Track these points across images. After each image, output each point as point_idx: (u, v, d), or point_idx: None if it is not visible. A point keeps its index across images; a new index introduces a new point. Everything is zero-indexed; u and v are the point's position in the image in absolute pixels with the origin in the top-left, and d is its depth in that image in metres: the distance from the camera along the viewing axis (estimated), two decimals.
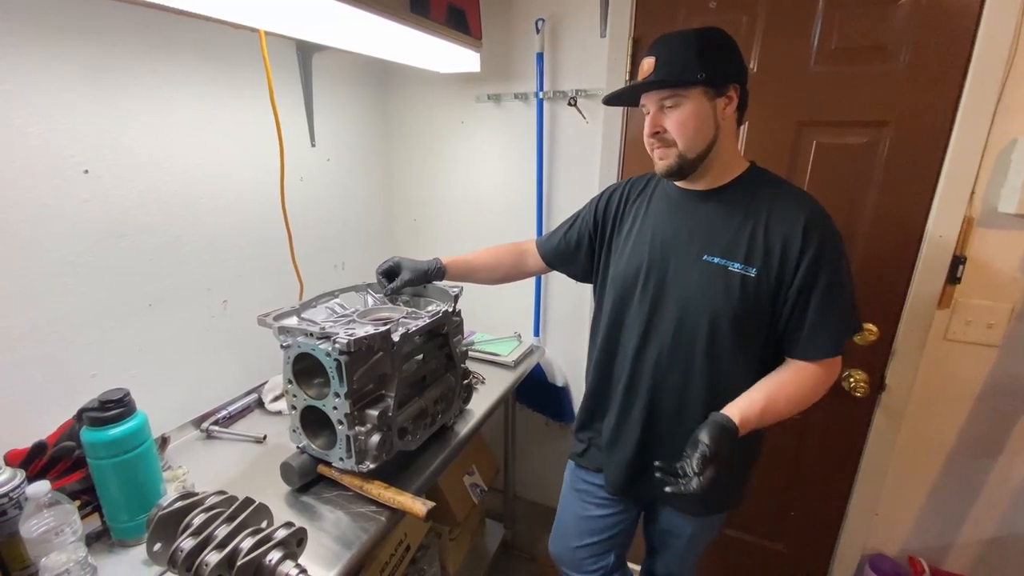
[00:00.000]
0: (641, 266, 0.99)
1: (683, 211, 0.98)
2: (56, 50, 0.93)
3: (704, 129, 0.88)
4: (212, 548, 0.76)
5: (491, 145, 1.70)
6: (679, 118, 0.88)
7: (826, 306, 0.88)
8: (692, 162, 0.90)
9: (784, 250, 0.87)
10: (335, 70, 1.56)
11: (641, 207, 1.06)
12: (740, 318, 0.90)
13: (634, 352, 1.01)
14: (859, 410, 1.39)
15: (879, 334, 1.32)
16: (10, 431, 0.92)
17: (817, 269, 0.86)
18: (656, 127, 0.90)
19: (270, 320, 0.98)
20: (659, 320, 0.98)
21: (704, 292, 0.92)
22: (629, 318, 1.03)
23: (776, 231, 0.88)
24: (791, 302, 0.89)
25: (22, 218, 0.91)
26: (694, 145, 0.89)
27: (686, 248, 0.95)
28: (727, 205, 0.93)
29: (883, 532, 1.47)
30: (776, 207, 0.90)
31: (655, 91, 0.89)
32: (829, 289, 0.87)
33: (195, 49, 1.16)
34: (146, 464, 0.88)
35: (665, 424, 1.01)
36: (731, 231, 0.91)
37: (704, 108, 0.87)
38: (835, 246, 0.88)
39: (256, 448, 1.18)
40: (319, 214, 1.58)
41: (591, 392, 1.14)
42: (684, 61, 0.85)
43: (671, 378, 0.98)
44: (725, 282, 0.90)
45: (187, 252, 1.20)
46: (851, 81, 1.22)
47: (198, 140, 1.19)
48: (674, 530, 1.15)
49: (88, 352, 1.04)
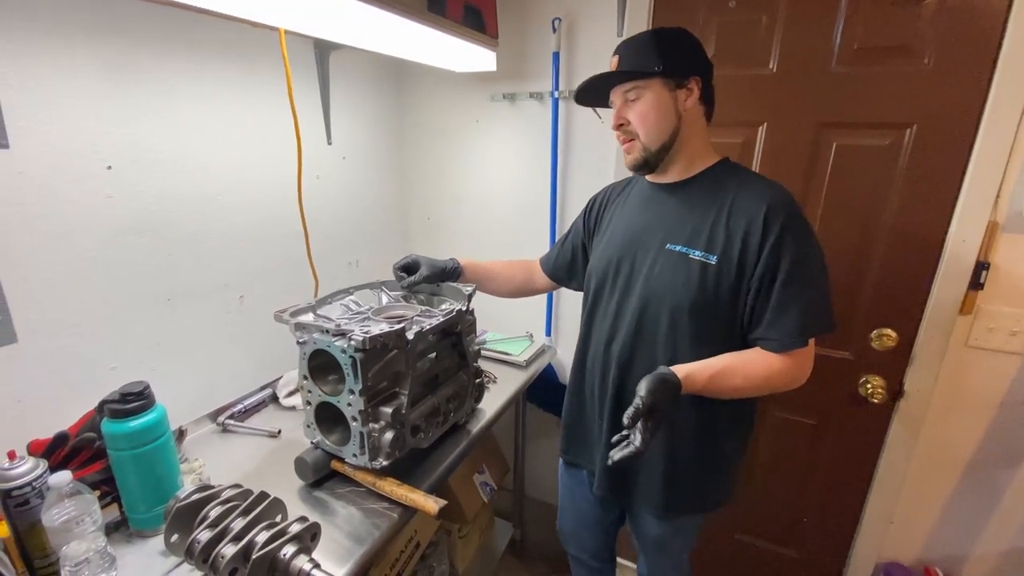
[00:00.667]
0: (612, 260, 1.02)
1: (653, 204, 1.00)
2: (81, 48, 0.95)
3: (665, 120, 0.90)
4: (228, 541, 0.77)
5: (505, 144, 1.70)
6: (640, 109, 0.90)
7: (789, 293, 0.86)
8: (656, 154, 0.93)
9: (745, 237, 0.87)
10: (351, 69, 1.57)
11: (618, 207, 1.09)
12: (700, 306, 0.90)
13: (604, 345, 1.03)
14: (876, 416, 1.37)
15: (898, 340, 1.30)
16: (32, 421, 0.94)
17: (778, 256, 0.85)
18: (620, 119, 0.93)
19: (287, 316, 0.99)
20: (625, 311, 0.99)
21: (666, 280, 0.93)
22: (600, 311, 1.05)
23: (738, 219, 0.88)
24: (754, 290, 0.88)
25: (46, 212, 0.93)
26: (656, 136, 0.91)
27: (652, 239, 0.96)
28: (693, 196, 0.95)
29: (899, 541, 1.45)
30: (740, 196, 0.90)
31: (619, 85, 0.92)
32: (791, 276, 0.85)
33: (216, 48, 1.17)
34: (164, 456, 0.89)
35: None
36: (695, 220, 0.92)
37: (664, 99, 0.89)
38: (799, 234, 0.86)
39: (270, 442, 1.19)
40: (334, 212, 1.59)
41: (571, 390, 1.17)
42: (643, 54, 0.89)
43: (635, 368, 0.98)
44: (686, 270, 0.91)
45: (205, 248, 1.22)
46: (874, 82, 1.20)
47: (217, 137, 1.21)
48: (646, 532, 1.14)
49: (108, 345, 1.05)
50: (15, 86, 0.87)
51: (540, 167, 1.64)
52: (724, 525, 1.68)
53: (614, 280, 1.01)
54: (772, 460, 1.55)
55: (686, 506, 1.05)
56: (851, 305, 1.33)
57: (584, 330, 1.11)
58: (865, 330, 1.33)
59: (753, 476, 1.58)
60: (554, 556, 1.81)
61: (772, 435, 1.52)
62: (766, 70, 1.28)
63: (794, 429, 1.49)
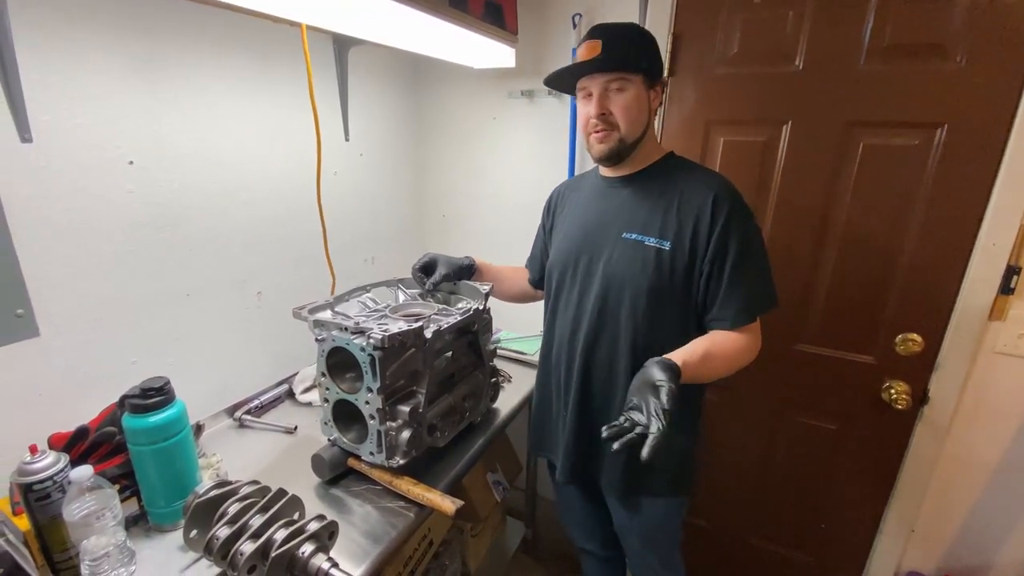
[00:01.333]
0: (571, 253, 1.06)
1: (606, 197, 1.05)
2: (105, 44, 0.95)
3: (642, 116, 0.96)
4: (247, 538, 0.77)
5: (523, 142, 1.69)
6: (625, 102, 0.93)
7: (738, 273, 0.92)
8: (629, 147, 0.97)
9: (696, 223, 0.93)
10: (369, 65, 1.56)
11: (572, 203, 1.14)
12: (657, 289, 0.95)
13: (569, 335, 1.06)
14: (899, 422, 1.34)
15: (924, 345, 1.27)
16: (54, 414, 0.95)
17: (727, 238, 0.92)
18: (603, 109, 0.94)
19: (305, 313, 0.99)
20: (587, 301, 1.03)
21: (623, 268, 0.97)
22: (562, 303, 1.09)
23: (688, 206, 0.94)
24: (706, 272, 0.94)
25: (69, 207, 0.94)
26: (634, 130, 0.95)
27: (609, 230, 1.01)
28: (645, 187, 1.00)
29: (919, 549, 1.42)
30: (688, 185, 0.96)
31: (602, 74, 0.93)
32: (740, 257, 0.92)
33: (236, 44, 1.17)
34: (183, 451, 0.89)
35: (597, 402, 1.05)
36: (647, 210, 0.97)
37: (643, 96, 0.94)
38: (744, 217, 0.94)
39: (287, 438, 1.19)
40: (351, 209, 1.59)
41: (538, 384, 1.22)
42: (630, 47, 0.92)
43: (599, 355, 1.02)
44: (642, 257, 0.95)
45: (224, 243, 1.22)
46: (904, 80, 1.16)
47: (237, 133, 1.21)
48: (621, 522, 1.14)
49: (129, 339, 1.06)
50: (39, 81, 0.87)
51: (557, 165, 1.62)
52: (739, 529, 1.66)
53: (574, 272, 1.05)
54: (790, 465, 1.52)
55: (646, 489, 1.06)
56: (875, 309, 1.30)
57: (548, 324, 1.15)
58: (890, 334, 1.30)
59: (768, 480, 1.56)
60: (566, 556, 1.80)
61: (791, 440, 1.50)
62: (792, 67, 1.25)
63: (813, 434, 1.46)
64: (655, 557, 1.16)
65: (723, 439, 1.59)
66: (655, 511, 1.10)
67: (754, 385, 1.50)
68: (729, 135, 1.36)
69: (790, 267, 1.37)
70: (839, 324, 1.36)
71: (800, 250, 1.35)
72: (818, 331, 1.38)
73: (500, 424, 1.27)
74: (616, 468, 1.05)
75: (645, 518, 1.10)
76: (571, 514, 1.33)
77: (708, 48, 1.33)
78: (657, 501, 1.08)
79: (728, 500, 1.65)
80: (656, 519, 1.11)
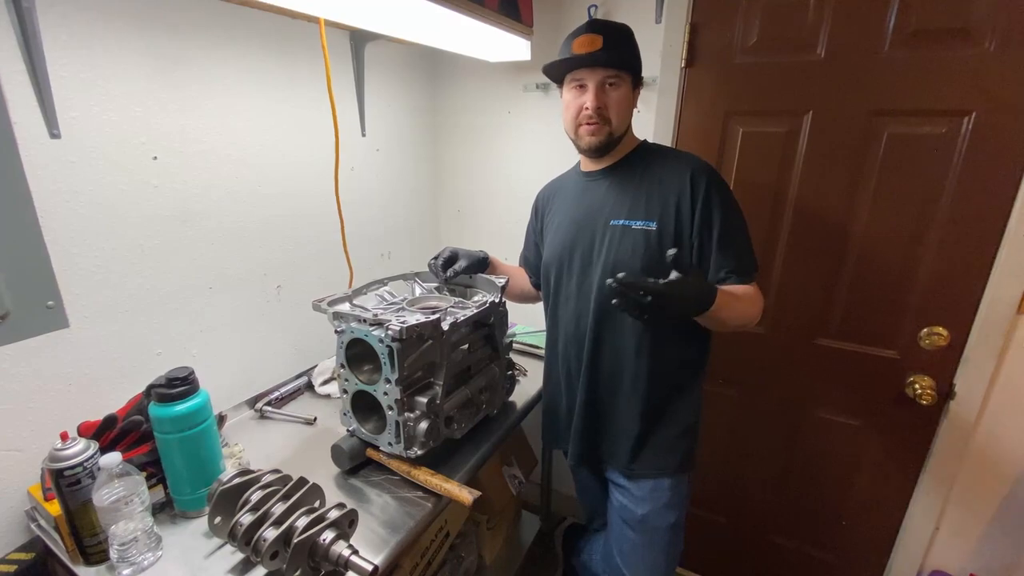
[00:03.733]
0: (565, 247, 1.10)
1: (589, 191, 1.10)
2: (132, 41, 0.97)
3: (630, 113, 1.03)
4: (269, 524, 0.78)
5: (538, 136, 1.68)
6: (619, 98, 0.99)
7: (726, 237, 0.97)
8: (616, 140, 1.02)
9: (679, 199, 0.98)
10: (385, 60, 1.57)
11: (559, 201, 1.19)
12: (649, 269, 0.97)
13: (574, 324, 1.10)
14: (923, 418, 1.31)
15: (949, 339, 1.24)
16: (83, 403, 0.98)
17: (710, 207, 0.97)
18: (601, 103, 0.98)
19: (324, 305, 1.00)
20: (587, 289, 1.07)
21: (616, 253, 1.01)
22: (562, 296, 1.13)
23: (669, 187, 0.99)
24: (697, 244, 0.99)
25: (97, 202, 0.96)
26: (622, 125, 1.02)
27: (597, 220, 1.05)
28: (626, 175, 1.05)
29: (943, 549, 1.39)
30: (665, 168, 1.02)
31: (602, 69, 0.97)
32: (724, 228, 0.97)
33: (256, 40, 1.18)
34: (208, 440, 0.91)
35: (604, 388, 1.09)
36: (631, 196, 1.02)
37: (630, 94, 1.01)
38: (722, 190, 0.98)
39: (306, 429, 1.21)
40: (367, 204, 1.60)
41: (545, 376, 1.26)
42: (626, 46, 0.99)
43: (606, 342, 1.06)
44: (632, 240, 1.00)
45: (245, 238, 1.24)
46: (930, 67, 1.13)
47: (257, 129, 1.23)
48: (620, 501, 1.15)
49: (154, 331, 1.08)
50: (68, 77, 0.89)
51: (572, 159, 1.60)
52: (758, 526, 1.64)
53: (570, 265, 1.10)
54: (810, 461, 1.50)
55: (650, 463, 1.09)
56: (899, 302, 1.28)
57: (551, 319, 1.19)
58: (914, 328, 1.27)
59: (788, 477, 1.54)
60: None
61: (812, 435, 1.48)
62: (813, 55, 1.23)
63: (835, 430, 1.44)
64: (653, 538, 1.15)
65: (742, 434, 1.58)
66: (659, 491, 1.10)
67: (774, 380, 1.48)
68: (748, 126, 1.34)
69: (811, 259, 1.35)
70: (861, 318, 1.33)
71: (821, 242, 1.33)
72: (840, 325, 1.36)
73: (516, 417, 1.28)
74: (619, 444, 1.10)
75: (648, 499, 1.11)
76: (585, 495, 1.41)
77: (727, 37, 1.31)
78: (661, 482, 1.10)
79: (747, 496, 1.63)
80: (660, 499, 1.11)
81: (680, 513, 1.13)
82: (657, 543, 1.14)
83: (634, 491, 1.12)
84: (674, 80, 1.39)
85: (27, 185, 0.86)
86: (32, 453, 0.91)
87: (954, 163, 1.16)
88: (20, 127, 0.84)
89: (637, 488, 1.11)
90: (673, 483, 1.10)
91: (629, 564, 1.18)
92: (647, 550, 1.15)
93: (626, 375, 1.06)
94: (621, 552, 1.19)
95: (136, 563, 0.81)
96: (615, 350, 1.05)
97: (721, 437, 1.59)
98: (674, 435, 1.08)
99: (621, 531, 1.17)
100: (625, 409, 1.07)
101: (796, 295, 1.39)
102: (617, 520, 1.18)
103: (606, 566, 1.27)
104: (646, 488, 1.10)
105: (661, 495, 1.10)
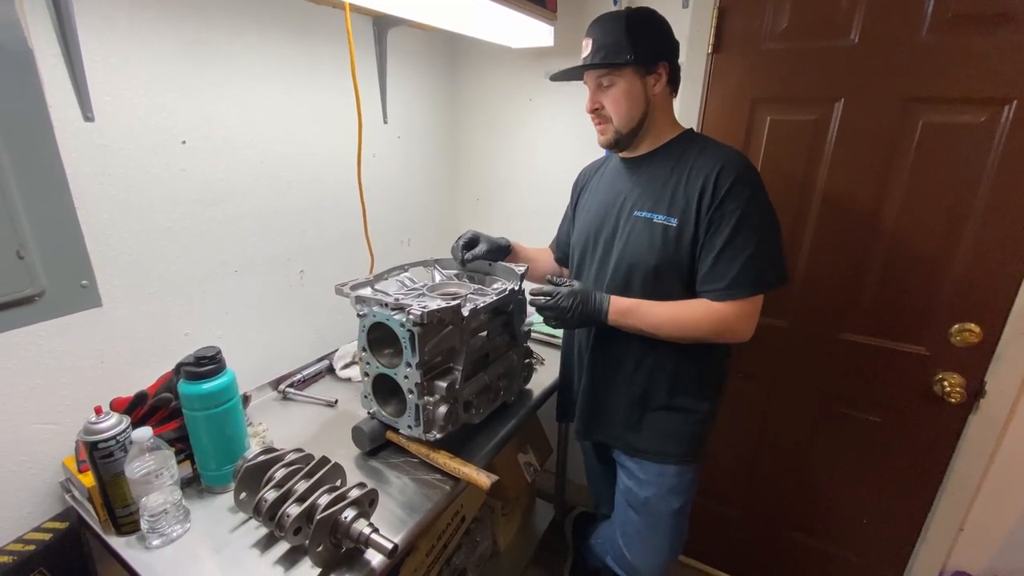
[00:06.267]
0: (590, 231, 1.11)
1: (622, 177, 1.08)
2: (160, 26, 0.98)
3: (636, 106, 0.98)
4: (293, 501, 0.80)
5: (559, 123, 1.67)
6: (613, 96, 0.98)
7: (730, 249, 0.92)
8: (627, 136, 1.01)
9: (700, 198, 0.94)
10: (407, 46, 1.57)
11: (595, 184, 1.19)
12: (664, 266, 0.97)
13: None
14: (951, 417, 1.28)
15: (982, 335, 1.20)
16: (114, 380, 1.01)
17: (723, 211, 0.92)
18: (595, 103, 1.01)
19: (347, 290, 1.02)
20: (604, 275, 1.07)
21: (634, 244, 1.00)
22: (583, 279, 1.14)
23: (695, 182, 0.95)
24: (701, 244, 0.95)
25: (129, 185, 0.98)
26: (627, 121, 0.99)
27: (623, 208, 1.04)
28: (658, 166, 1.02)
29: (968, 549, 1.36)
30: (698, 162, 0.97)
31: (593, 71, 0.98)
32: (734, 234, 0.91)
33: (281, 26, 1.19)
34: (234, 418, 0.93)
35: (608, 370, 1.10)
36: (658, 188, 1.00)
37: (635, 87, 0.97)
38: (747, 191, 0.91)
39: (328, 411, 1.23)
40: (388, 191, 1.61)
41: (563, 356, 1.29)
42: (615, 43, 0.94)
43: (612, 330, 1.04)
44: (650, 233, 0.98)
45: (270, 222, 1.26)
46: (969, 53, 1.09)
47: (282, 114, 1.24)
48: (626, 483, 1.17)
49: (182, 312, 1.11)
50: (101, 62, 0.91)
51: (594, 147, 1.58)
52: (777, 522, 1.63)
53: (593, 249, 1.11)
54: (832, 458, 1.48)
55: (653, 447, 1.10)
56: (930, 297, 1.24)
57: None
58: (945, 324, 1.24)
59: (808, 473, 1.52)
60: None
61: (833, 432, 1.45)
62: (846, 41, 1.19)
63: (857, 426, 1.41)
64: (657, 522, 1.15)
65: (762, 429, 1.56)
66: (665, 476, 1.10)
67: (796, 375, 1.46)
68: (776, 114, 1.31)
69: (838, 252, 1.32)
70: (890, 313, 1.30)
71: (849, 234, 1.29)
72: (866, 320, 1.33)
73: (533, 405, 1.28)
74: (621, 421, 1.11)
75: (654, 482, 1.11)
76: (593, 479, 1.45)
77: (756, 22, 1.27)
78: (667, 467, 1.10)
79: (765, 491, 1.62)
80: (665, 484, 1.11)
81: (685, 500, 1.13)
82: (660, 527, 1.14)
83: (639, 474, 1.13)
84: (700, 66, 1.36)
85: (63, 167, 0.88)
86: (66, 427, 0.94)
87: (992, 153, 1.12)
88: (56, 110, 0.86)
89: (642, 471, 1.12)
90: (679, 470, 1.10)
91: (631, 546, 1.19)
92: (650, 533, 1.16)
93: (628, 360, 1.07)
94: (625, 534, 1.20)
95: (165, 534, 0.84)
96: (622, 336, 1.04)
97: (740, 430, 1.58)
98: (680, 423, 1.08)
99: (625, 513, 1.18)
100: (625, 389, 1.09)
101: (822, 288, 1.36)
102: (622, 502, 1.19)
103: (610, 548, 1.28)
104: (652, 472, 1.11)
105: (666, 480, 1.10)
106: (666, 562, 1.19)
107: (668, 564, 1.20)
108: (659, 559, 1.18)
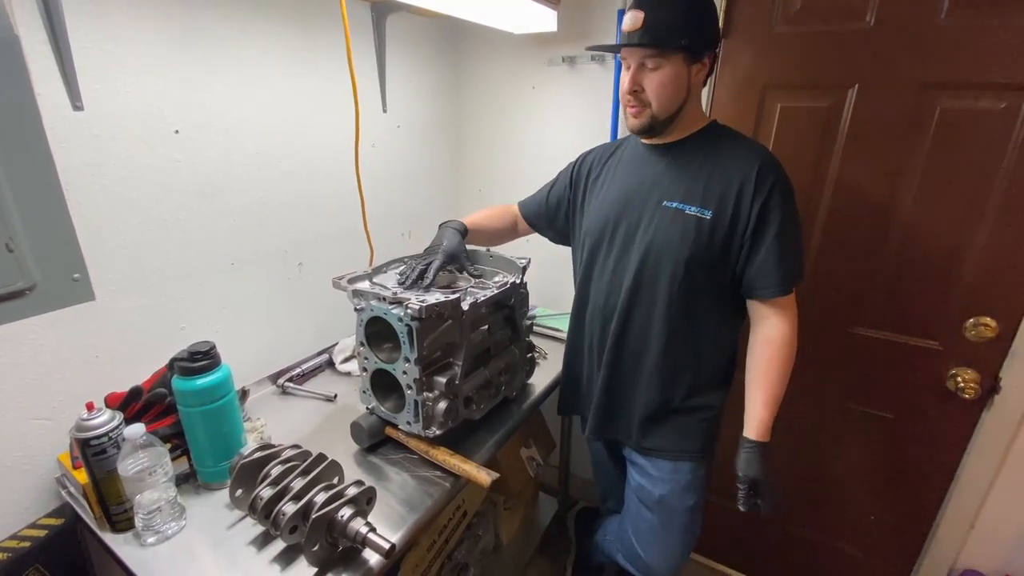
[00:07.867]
0: (609, 219, 1.05)
1: (647, 165, 1.03)
2: (149, 10, 0.95)
3: (678, 93, 0.93)
4: (289, 499, 0.79)
5: (563, 111, 1.63)
6: (659, 80, 0.91)
7: (778, 246, 0.92)
8: (663, 123, 0.95)
9: (739, 193, 0.92)
10: (407, 34, 1.53)
11: (612, 167, 1.11)
12: (696, 259, 0.94)
13: (604, 299, 1.07)
14: (964, 413, 1.25)
15: (997, 330, 1.17)
16: (108, 375, 0.99)
17: (769, 211, 0.91)
18: (636, 85, 0.93)
19: (344, 283, 0.99)
20: (624, 268, 1.02)
21: (663, 236, 0.96)
22: (597, 268, 1.09)
23: (731, 176, 0.93)
24: (747, 245, 0.93)
25: (121, 176, 0.96)
26: (667, 107, 0.93)
27: (648, 197, 1.00)
28: (687, 156, 0.98)
29: (979, 548, 1.33)
30: (732, 155, 0.95)
31: (639, 49, 0.90)
32: (781, 231, 0.92)
33: (275, 12, 1.16)
34: (229, 414, 0.92)
35: (629, 367, 1.07)
36: (689, 178, 0.96)
37: (681, 73, 0.91)
38: (786, 192, 0.93)
39: (327, 406, 1.22)
40: (388, 182, 1.59)
41: (568, 346, 1.23)
42: (670, 25, 0.87)
43: (634, 324, 1.03)
44: (682, 225, 0.95)
45: (267, 214, 1.24)
46: (989, 36, 1.05)
47: (279, 102, 1.21)
48: (638, 481, 1.14)
49: (178, 305, 1.09)
50: (91, 48, 0.88)
51: (599, 134, 1.56)
52: (785, 518, 1.61)
53: (611, 238, 1.05)
54: (841, 453, 1.45)
55: (669, 445, 1.08)
56: (945, 290, 1.21)
57: (581, 288, 1.14)
58: (959, 318, 1.20)
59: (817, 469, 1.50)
60: None
61: (843, 428, 1.43)
62: (862, 23, 1.14)
63: (867, 422, 1.38)
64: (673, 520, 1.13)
65: None
66: (679, 473, 1.08)
67: (805, 370, 1.41)
68: (787, 101, 1.27)
69: (850, 244, 1.28)
70: (902, 306, 1.26)
71: (862, 225, 1.26)
72: (878, 314, 1.30)
73: (535, 400, 1.26)
74: (638, 428, 1.08)
75: (668, 480, 1.09)
76: (600, 473, 1.41)
77: (767, 4, 1.23)
78: (681, 464, 1.08)
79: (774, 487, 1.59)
80: (679, 481, 1.09)
81: (699, 497, 1.11)
82: (674, 525, 1.12)
83: (652, 471, 1.10)
84: None
85: (52, 158, 0.86)
86: (60, 422, 0.93)
87: (1013, 141, 1.08)
88: (44, 99, 0.84)
89: (655, 468, 1.10)
90: (693, 467, 1.08)
91: (644, 544, 1.17)
92: (664, 531, 1.13)
93: (649, 357, 1.03)
94: (637, 532, 1.18)
95: (160, 532, 0.83)
96: (642, 330, 1.02)
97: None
98: (695, 420, 1.06)
99: (638, 511, 1.16)
100: (645, 390, 1.05)
101: (832, 282, 1.33)
102: (634, 500, 1.16)
103: (621, 546, 1.26)
104: (665, 469, 1.09)
105: (680, 477, 1.08)
106: (681, 560, 1.17)
107: (683, 562, 1.18)
108: (675, 558, 1.16)
